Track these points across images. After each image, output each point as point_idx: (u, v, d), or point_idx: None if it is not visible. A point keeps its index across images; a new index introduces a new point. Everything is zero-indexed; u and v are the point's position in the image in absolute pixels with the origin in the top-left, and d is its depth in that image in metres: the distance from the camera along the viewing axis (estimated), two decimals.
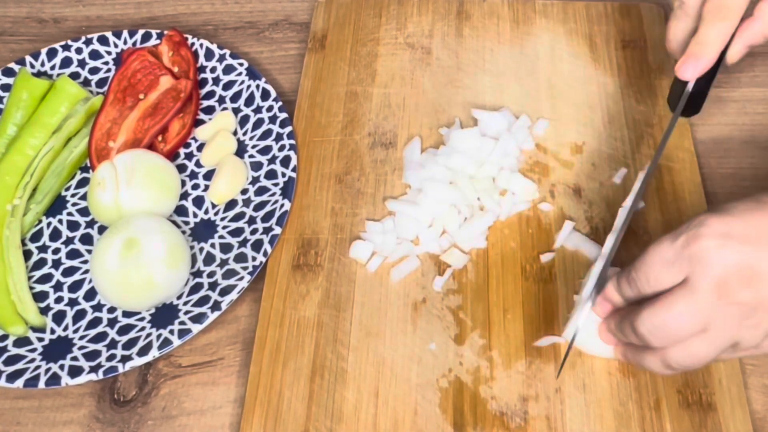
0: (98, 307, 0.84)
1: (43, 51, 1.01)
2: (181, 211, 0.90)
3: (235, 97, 0.98)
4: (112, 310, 0.83)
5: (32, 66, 1.00)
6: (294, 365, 0.78)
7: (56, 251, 0.88)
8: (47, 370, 0.78)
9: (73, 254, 0.88)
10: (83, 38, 1.02)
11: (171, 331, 0.79)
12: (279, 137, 0.92)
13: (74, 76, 1.01)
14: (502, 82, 0.97)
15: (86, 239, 0.89)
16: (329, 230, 0.87)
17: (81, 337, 0.81)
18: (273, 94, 0.95)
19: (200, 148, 0.95)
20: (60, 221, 0.90)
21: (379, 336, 0.80)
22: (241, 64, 0.99)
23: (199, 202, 0.91)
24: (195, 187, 0.92)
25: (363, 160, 0.92)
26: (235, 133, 0.95)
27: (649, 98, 0.95)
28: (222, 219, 0.89)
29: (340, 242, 0.86)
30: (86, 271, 0.86)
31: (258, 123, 0.95)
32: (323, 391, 0.77)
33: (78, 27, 1.10)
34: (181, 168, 0.94)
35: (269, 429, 0.75)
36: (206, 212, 0.90)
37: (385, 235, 0.85)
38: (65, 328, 0.82)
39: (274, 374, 0.78)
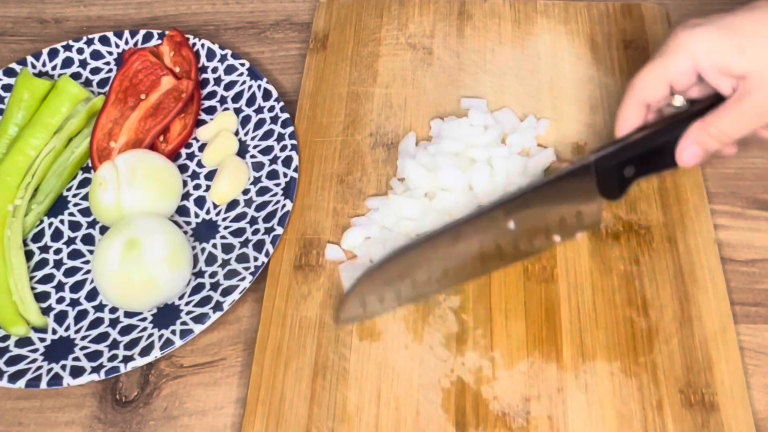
0: (100, 308, 0.84)
1: (45, 51, 1.01)
2: (182, 211, 0.90)
3: (237, 98, 0.98)
4: (113, 310, 0.83)
5: (33, 66, 1.00)
6: (296, 365, 0.78)
7: (58, 251, 0.88)
8: (49, 371, 0.78)
9: (75, 254, 0.88)
10: (84, 38, 1.02)
11: (173, 332, 0.79)
12: (281, 137, 0.92)
13: (76, 76, 1.01)
14: (504, 82, 0.97)
15: (88, 239, 0.89)
16: (331, 230, 0.87)
17: (83, 338, 0.81)
18: (274, 94, 0.95)
19: (202, 148, 0.95)
20: (61, 221, 0.90)
21: (381, 337, 0.80)
22: (242, 65, 0.99)
23: (200, 202, 0.91)
24: (196, 187, 0.92)
25: (365, 161, 0.92)
26: (236, 133, 0.95)
27: None
28: (224, 219, 0.89)
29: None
30: (88, 272, 0.86)
31: (259, 123, 0.95)
32: (325, 392, 0.77)
33: (79, 27, 1.10)
34: (183, 168, 0.94)
35: (271, 429, 0.75)
36: (208, 212, 0.90)
37: (371, 227, 0.86)
38: (67, 329, 0.82)
39: (276, 375, 0.78)
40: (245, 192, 0.91)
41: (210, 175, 0.93)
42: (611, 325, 0.79)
